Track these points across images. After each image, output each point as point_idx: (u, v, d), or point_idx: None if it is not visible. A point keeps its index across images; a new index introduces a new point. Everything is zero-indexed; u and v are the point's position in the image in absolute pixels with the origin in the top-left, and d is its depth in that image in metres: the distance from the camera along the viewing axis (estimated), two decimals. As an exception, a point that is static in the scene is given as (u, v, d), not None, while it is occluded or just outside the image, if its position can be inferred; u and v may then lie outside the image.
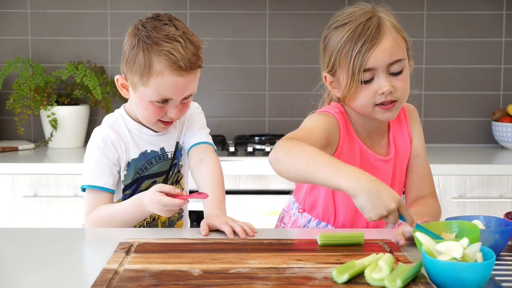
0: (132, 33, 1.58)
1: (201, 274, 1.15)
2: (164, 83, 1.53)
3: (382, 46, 1.46)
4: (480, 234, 1.28)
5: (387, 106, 1.49)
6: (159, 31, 1.55)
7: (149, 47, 1.53)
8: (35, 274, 1.20)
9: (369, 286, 1.10)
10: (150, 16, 1.61)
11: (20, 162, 2.55)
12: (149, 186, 1.63)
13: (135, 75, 1.56)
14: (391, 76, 1.48)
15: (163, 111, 1.58)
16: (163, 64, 1.52)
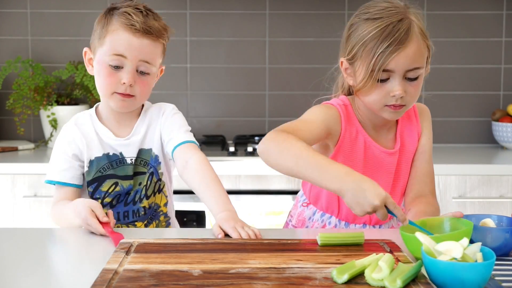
0: (102, 12, 1.67)
1: (201, 274, 1.15)
2: (118, 38, 1.58)
3: (406, 51, 1.46)
4: (490, 232, 1.29)
5: (395, 108, 1.51)
6: (124, 3, 1.65)
7: (111, 12, 1.63)
8: (35, 274, 1.20)
9: (369, 286, 1.10)
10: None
11: (20, 162, 2.55)
12: (111, 186, 1.64)
13: (95, 38, 1.63)
14: (406, 81, 1.50)
15: (116, 77, 1.59)
16: (119, 22, 1.60)
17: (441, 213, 2.50)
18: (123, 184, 1.65)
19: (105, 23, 1.61)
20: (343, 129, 1.57)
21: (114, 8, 1.63)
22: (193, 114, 3.08)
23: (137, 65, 1.59)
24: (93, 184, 1.65)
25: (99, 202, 1.59)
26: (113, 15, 1.61)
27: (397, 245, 1.35)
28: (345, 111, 1.58)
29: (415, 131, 1.65)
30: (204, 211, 2.51)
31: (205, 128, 3.07)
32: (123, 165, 1.65)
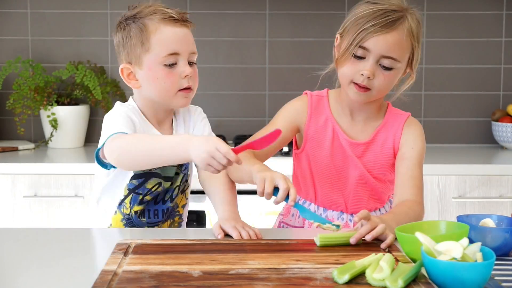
0: (117, 27, 1.63)
1: (201, 275, 1.15)
2: (165, 36, 1.56)
3: (387, 37, 1.53)
4: (490, 232, 1.29)
5: (359, 88, 1.57)
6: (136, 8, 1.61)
7: (137, 18, 1.58)
8: (35, 274, 1.20)
9: (370, 286, 1.10)
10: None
11: (20, 162, 2.55)
12: (155, 185, 1.62)
13: (136, 47, 1.58)
14: (379, 67, 1.56)
15: (175, 74, 1.57)
16: (156, 20, 1.56)
17: (441, 214, 2.51)
18: (165, 184, 1.64)
19: (141, 27, 1.56)
20: (309, 116, 1.68)
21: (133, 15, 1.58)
22: (193, 114, 3.08)
23: (188, 58, 1.59)
24: (139, 178, 1.60)
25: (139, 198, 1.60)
26: (143, 18, 1.57)
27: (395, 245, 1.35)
28: (315, 100, 1.69)
29: (392, 136, 1.67)
30: (204, 211, 2.51)
31: (205, 128, 3.07)
32: (168, 165, 1.63)
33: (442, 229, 1.32)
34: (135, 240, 1.37)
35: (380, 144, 1.67)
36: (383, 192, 1.71)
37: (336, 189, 1.69)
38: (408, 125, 1.68)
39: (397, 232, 1.27)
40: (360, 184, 1.67)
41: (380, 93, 1.60)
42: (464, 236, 1.18)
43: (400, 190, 1.60)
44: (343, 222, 1.66)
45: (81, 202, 2.49)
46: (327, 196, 1.70)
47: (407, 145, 1.66)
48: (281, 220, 1.78)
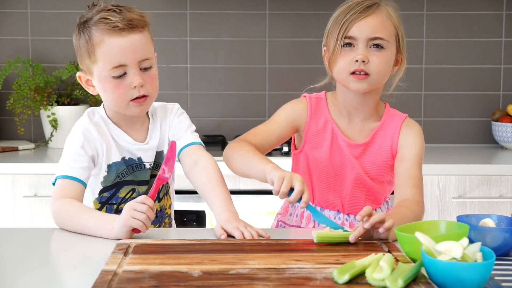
0: (74, 30, 1.59)
1: (201, 275, 1.15)
2: (109, 49, 1.51)
3: (368, 20, 1.60)
4: (490, 232, 1.29)
5: (359, 76, 1.59)
6: (93, 10, 1.56)
7: (86, 26, 1.54)
8: (35, 274, 1.20)
9: (370, 286, 1.10)
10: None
11: (20, 162, 2.55)
12: (128, 193, 1.61)
13: (85, 58, 1.55)
14: (371, 50, 1.60)
15: (125, 86, 1.53)
16: (100, 31, 1.51)
17: (441, 214, 2.51)
18: (140, 189, 1.63)
19: (86, 38, 1.53)
20: (309, 118, 1.69)
21: (85, 21, 1.55)
22: (193, 114, 3.08)
23: (139, 66, 1.54)
24: (110, 190, 1.60)
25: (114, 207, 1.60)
26: (90, 27, 1.53)
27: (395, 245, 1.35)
28: (314, 102, 1.71)
29: (390, 137, 1.67)
30: (204, 211, 2.51)
31: (205, 128, 3.07)
32: (141, 170, 1.63)
33: (442, 229, 1.32)
34: (135, 240, 1.37)
35: (377, 145, 1.67)
36: (379, 193, 1.71)
37: (333, 189, 1.69)
38: (406, 126, 1.68)
39: (397, 232, 1.27)
40: (357, 185, 1.68)
41: (379, 76, 1.61)
42: (464, 236, 1.18)
43: (399, 191, 1.60)
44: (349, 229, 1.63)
45: (81, 202, 2.49)
46: (324, 196, 1.71)
47: (405, 146, 1.66)
48: (279, 219, 1.78)
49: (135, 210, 1.37)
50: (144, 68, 1.56)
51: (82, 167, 1.54)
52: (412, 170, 1.62)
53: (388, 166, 1.68)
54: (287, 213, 1.77)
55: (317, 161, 1.68)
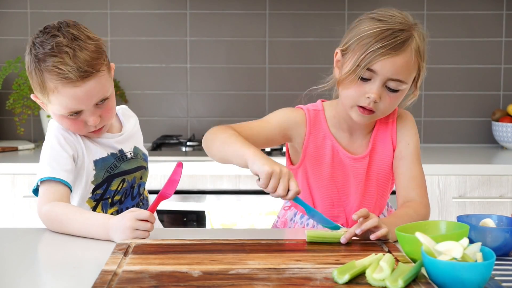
0: (28, 50, 1.55)
1: (201, 275, 1.15)
2: (63, 98, 1.50)
3: (395, 59, 1.47)
4: (490, 232, 1.29)
5: (364, 111, 1.52)
6: (45, 46, 1.49)
7: (38, 66, 1.50)
8: (35, 274, 1.20)
9: (370, 286, 1.10)
10: (40, 30, 1.54)
11: (20, 162, 2.55)
12: (119, 184, 1.62)
13: (38, 93, 1.55)
14: (385, 89, 1.51)
15: (81, 122, 1.54)
16: (54, 80, 1.49)
17: (441, 214, 2.51)
18: (128, 178, 1.65)
19: (39, 82, 1.51)
20: (308, 132, 1.61)
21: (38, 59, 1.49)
22: (193, 114, 3.08)
23: (94, 106, 1.54)
24: (102, 186, 1.61)
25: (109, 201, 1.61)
26: (42, 71, 1.49)
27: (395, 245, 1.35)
28: (312, 115, 1.62)
29: (389, 137, 1.64)
30: (204, 211, 2.51)
31: (205, 128, 3.05)
32: (126, 160, 1.65)
33: (442, 229, 1.32)
34: (135, 240, 1.37)
35: (380, 150, 1.63)
36: (383, 200, 1.68)
37: (337, 205, 1.65)
38: (400, 119, 1.65)
39: (397, 232, 1.27)
40: (365, 199, 1.64)
41: (383, 115, 1.57)
42: (464, 236, 1.18)
43: (403, 192, 1.58)
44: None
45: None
46: (328, 212, 1.64)
47: (403, 141, 1.63)
48: (276, 224, 1.77)
49: (138, 229, 1.39)
50: (101, 103, 1.55)
51: (66, 170, 1.53)
52: (413, 169, 1.60)
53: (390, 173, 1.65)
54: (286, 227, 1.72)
55: (319, 178, 1.62)
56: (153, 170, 2.33)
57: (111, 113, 1.59)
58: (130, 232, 1.38)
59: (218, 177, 2.51)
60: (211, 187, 2.52)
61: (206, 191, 2.52)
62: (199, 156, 2.55)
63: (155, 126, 3.07)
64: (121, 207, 1.65)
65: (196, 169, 2.49)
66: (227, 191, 2.51)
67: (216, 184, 2.51)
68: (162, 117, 3.08)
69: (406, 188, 1.58)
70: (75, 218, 1.45)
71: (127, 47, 3.04)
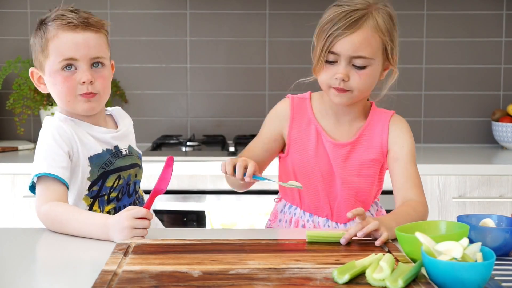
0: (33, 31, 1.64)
1: (201, 275, 1.15)
2: (61, 42, 1.56)
3: (351, 38, 1.54)
4: (490, 232, 1.29)
5: (338, 90, 1.58)
6: (52, 12, 1.61)
7: (43, 23, 1.59)
8: (35, 274, 1.20)
9: (370, 286, 1.10)
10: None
11: (20, 162, 2.55)
12: (115, 181, 1.62)
13: (39, 53, 1.59)
14: (352, 67, 1.57)
15: (73, 80, 1.56)
16: (55, 27, 1.56)
17: (441, 214, 2.51)
18: (124, 175, 1.65)
19: (41, 34, 1.58)
20: (291, 118, 1.68)
21: (44, 19, 1.60)
22: (193, 114, 3.08)
23: (90, 63, 1.58)
24: (98, 182, 1.60)
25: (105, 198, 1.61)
26: (46, 24, 1.58)
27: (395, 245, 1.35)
28: (297, 102, 1.70)
29: (379, 135, 1.66)
30: (204, 211, 2.51)
31: (205, 128, 3.07)
32: (121, 157, 1.65)
33: (442, 229, 1.32)
34: (135, 240, 1.37)
35: (365, 144, 1.65)
36: (368, 194, 1.69)
37: (322, 193, 1.67)
38: (394, 123, 1.67)
39: (397, 232, 1.27)
40: (345, 187, 1.66)
41: (361, 93, 1.60)
42: (464, 236, 1.18)
43: (401, 193, 1.59)
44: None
45: (81, 202, 2.49)
46: (313, 201, 1.68)
47: (396, 144, 1.64)
48: (268, 225, 1.78)
49: (135, 228, 1.39)
50: (96, 66, 1.59)
51: (62, 167, 1.53)
52: (408, 170, 1.61)
53: (377, 164, 1.66)
54: (276, 219, 1.75)
55: (304, 164, 1.66)
56: (153, 170, 2.34)
57: (105, 84, 1.61)
58: (128, 231, 1.38)
59: (218, 177, 2.51)
60: (211, 187, 2.52)
61: (206, 191, 2.52)
62: (199, 156, 2.55)
63: (155, 126, 3.07)
64: (119, 204, 1.64)
65: (196, 169, 2.49)
66: (227, 191, 2.51)
67: (216, 184, 2.51)
68: (162, 117, 3.08)
69: (404, 188, 1.59)
70: (74, 218, 1.46)
71: (127, 47, 3.04)
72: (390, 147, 1.65)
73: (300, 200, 1.69)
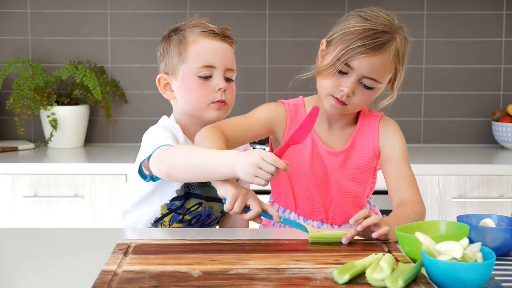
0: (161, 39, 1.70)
1: (201, 275, 1.15)
2: (202, 47, 1.59)
3: (373, 59, 1.52)
4: (490, 232, 1.29)
5: (338, 101, 1.58)
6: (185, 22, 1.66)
7: (179, 30, 1.64)
8: (35, 274, 1.20)
9: (370, 286, 1.10)
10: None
11: (20, 162, 2.55)
12: (194, 205, 1.61)
13: (173, 58, 1.62)
14: (360, 85, 1.56)
15: (209, 87, 1.59)
16: (196, 33, 1.61)
17: (441, 214, 2.51)
18: (206, 205, 1.64)
19: (179, 39, 1.61)
20: (288, 125, 1.66)
21: (177, 28, 1.64)
22: (193, 114, 3.08)
23: (224, 73, 1.60)
24: (181, 200, 1.60)
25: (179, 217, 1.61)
26: (184, 30, 1.62)
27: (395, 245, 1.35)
28: (293, 109, 1.68)
29: (371, 138, 1.66)
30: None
31: (205, 128, 3.07)
32: (207, 186, 1.64)
33: (442, 229, 1.32)
34: (135, 240, 1.37)
35: (358, 149, 1.66)
36: (362, 197, 1.70)
37: (317, 198, 1.66)
38: (384, 125, 1.67)
39: (397, 232, 1.27)
40: (341, 193, 1.66)
41: (355, 110, 1.62)
42: (464, 236, 1.18)
43: (397, 194, 1.59)
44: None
45: (81, 202, 2.49)
46: (308, 204, 1.67)
47: (388, 145, 1.64)
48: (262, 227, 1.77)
49: (260, 168, 1.32)
50: (227, 78, 1.62)
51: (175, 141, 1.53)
52: (402, 170, 1.61)
53: (371, 168, 1.67)
54: (270, 223, 1.74)
55: (299, 170, 1.65)
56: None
57: (233, 95, 1.65)
58: (252, 168, 1.32)
59: (218, 177, 2.50)
60: (211, 187, 2.51)
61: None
62: (199, 156, 2.55)
63: (155, 126, 3.07)
64: (187, 226, 1.64)
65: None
66: (227, 191, 2.50)
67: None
68: (162, 117, 3.08)
69: (399, 189, 1.59)
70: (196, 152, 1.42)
71: (127, 47, 3.04)
72: (381, 149, 1.65)
73: (295, 204, 1.69)
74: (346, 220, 1.68)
